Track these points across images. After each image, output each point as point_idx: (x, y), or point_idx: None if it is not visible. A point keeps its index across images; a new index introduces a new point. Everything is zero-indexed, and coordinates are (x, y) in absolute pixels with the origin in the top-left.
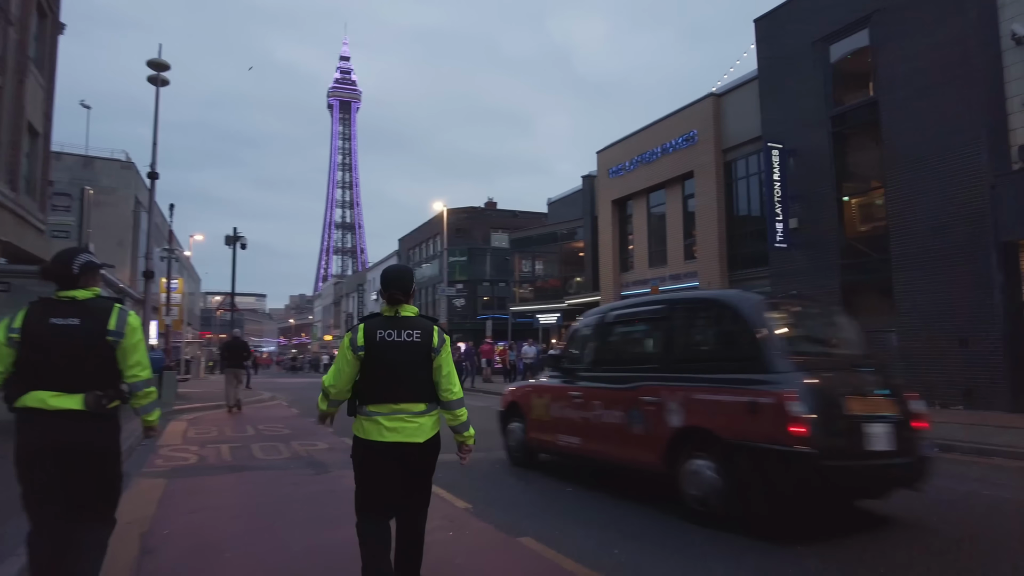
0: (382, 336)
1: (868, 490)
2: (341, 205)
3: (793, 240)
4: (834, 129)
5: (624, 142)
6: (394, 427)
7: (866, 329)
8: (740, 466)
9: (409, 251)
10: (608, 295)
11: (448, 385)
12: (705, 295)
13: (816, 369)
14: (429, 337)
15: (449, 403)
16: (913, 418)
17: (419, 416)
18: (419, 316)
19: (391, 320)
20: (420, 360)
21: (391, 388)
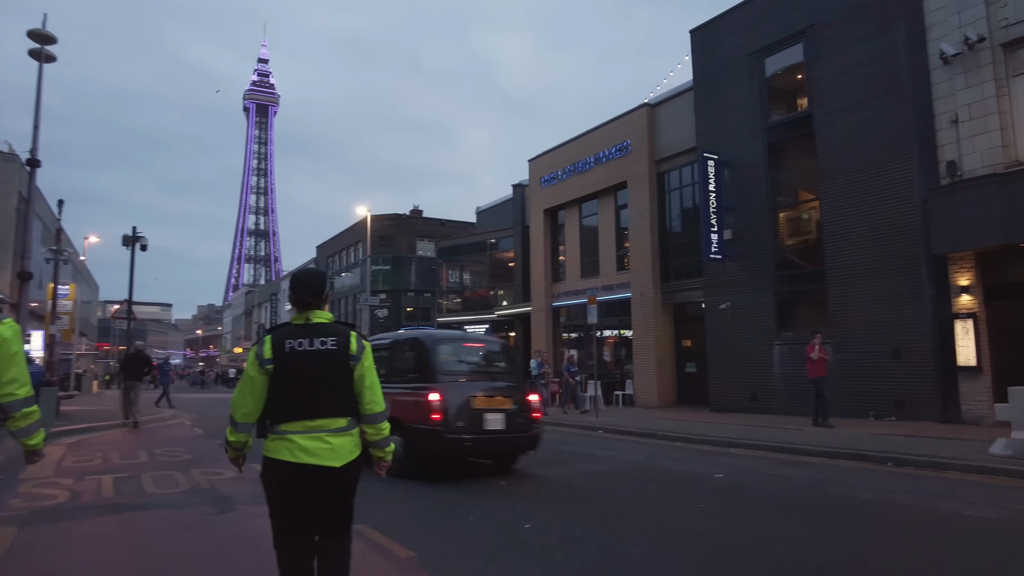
0: (292, 346)
1: (488, 454)
2: (255, 211)
3: (727, 251)
4: (769, 141)
5: (557, 151)
6: (309, 447)
7: (799, 341)
8: (412, 439)
9: (328, 259)
10: (540, 306)
11: (372, 397)
12: (409, 334)
13: (456, 379)
14: (346, 344)
15: (373, 416)
16: (530, 410)
17: (339, 434)
18: (334, 322)
19: (302, 328)
20: (337, 370)
21: (306, 403)
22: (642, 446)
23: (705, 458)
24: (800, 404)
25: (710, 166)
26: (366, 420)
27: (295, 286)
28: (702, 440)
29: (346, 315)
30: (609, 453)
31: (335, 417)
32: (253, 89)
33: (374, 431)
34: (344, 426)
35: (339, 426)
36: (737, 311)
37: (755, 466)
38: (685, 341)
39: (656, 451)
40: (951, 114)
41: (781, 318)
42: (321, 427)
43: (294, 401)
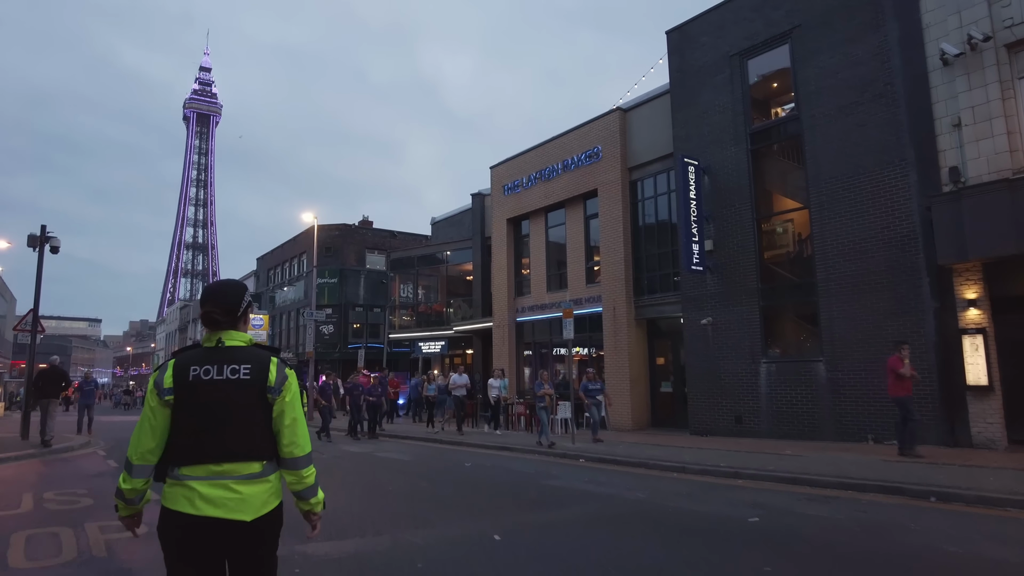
0: (197, 374)
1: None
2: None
3: (708, 263)
4: (752, 146)
5: (521, 157)
6: (211, 496)
7: (787, 359)
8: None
9: (269, 271)
10: (502, 321)
11: (292, 437)
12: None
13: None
14: (263, 374)
15: (294, 460)
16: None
17: (250, 481)
18: (252, 345)
19: (210, 352)
20: (250, 404)
21: (209, 443)
22: (636, 478)
23: (716, 493)
24: (789, 427)
25: (690, 172)
26: (285, 465)
27: (204, 300)
28: (701, 470)
29: (288, 332)
30: (602, 488)
31: (246, 461)
32: (194, 98)
33: (295, 479)
34: (257, 472)
35: (251, 472)
36: (719, 327)
37: (781, 503)
38: (659, 359)
39: (655, 484)
40: (952, 118)
41: (768, 334)
42: (227, 472)
43: (195, 440)
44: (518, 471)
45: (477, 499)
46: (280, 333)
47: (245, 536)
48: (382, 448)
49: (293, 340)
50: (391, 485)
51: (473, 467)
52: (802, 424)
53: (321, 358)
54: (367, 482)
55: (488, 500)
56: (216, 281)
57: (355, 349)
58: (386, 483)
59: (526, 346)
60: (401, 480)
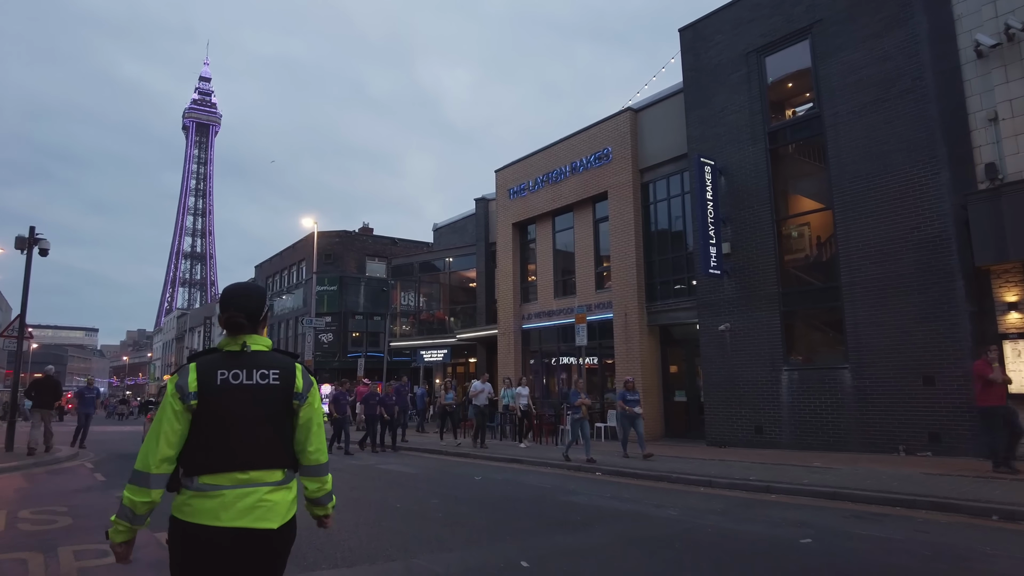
0: (225, 378)
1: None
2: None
3: (726, 267)
4: (771, 146)
5: (527, 160)
6: (241, 506)
7: (810, 366)
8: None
9: (268, 279)
10: (508, 328)
11: (318, 444)
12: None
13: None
14: (291, 379)
15: (319, 467)
16: None
17: (276, 489)
18: (274, 351)
19: (236, 357)
20: (278, 411)
21: (238, 450)
22: (661, 493)
23: (753, 510)
24: (812, 437)
25: (707, 172)
26: (310, 472)
27: (226, 303)
28: (729, 484)
29: (286, 340)
30: (628, 505)
31: (273, 468)
32: (194, 108)
33: (318, 486)
34: (281, 479)
35: (276, 479)
36: (737, 333)
37: (827, 522)
38: (671, 367)
39: (683, 500)
40: (988, 112)
41: (789, 340)
42: (255, 480)
43: (223, 447)
44: (533, 485)
45: (495, 518)
46: (279, 342)
47: (270, 545)
48: (385, 461)
49: (292, 349)
50: (399, 502)
51: (484, 481)
52: (826, 434)
53: (320, 367)
54: (372, 500)
55: (507, 519)
56: (237, 284)
57: (354, 358)
58: (392, 500)
59: (532, 354)
60: (409, 497)
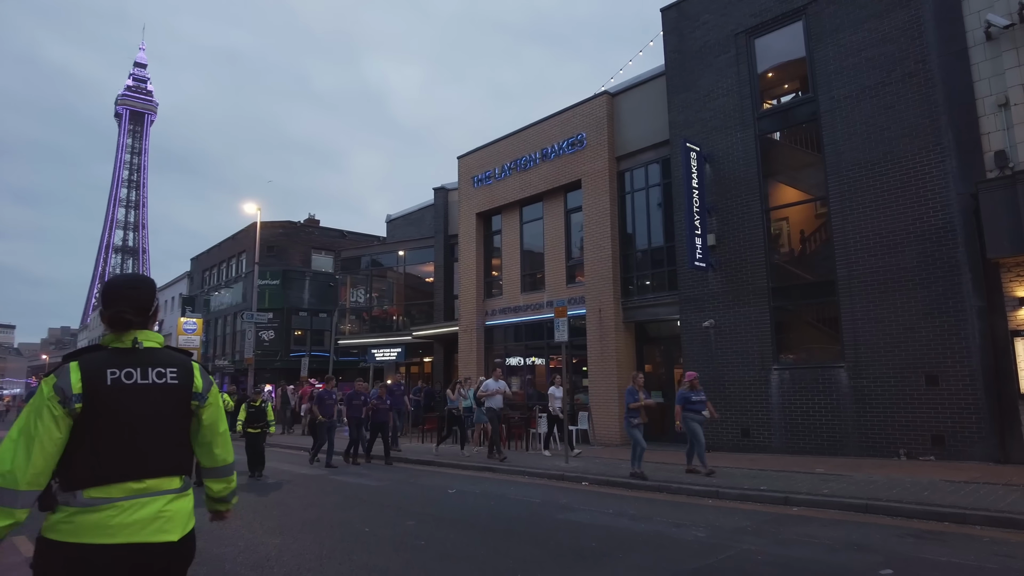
0: (117, 377)
1: None
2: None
3: (711, 260)
4: (761, 132)
5: (494, 145)
6: (136, 519)
7: (803, 365)
8: None
9: (205, 273)
10: (470, 325)
11: (225, 445)
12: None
13: None
14: (189, 378)
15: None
16: None
17: (176, 498)
18: (167, 348)
19: (127, 354)
20: (177, 413)
21: (133, 458)
22: (668, 508)
23: (786, 527)
24: (805, 441)
25: (692, 158)
26: (216, 474)
27: (109, 297)
28: (740, 495)
29: (223, 338)
30: (641, 525)
31: (171, 475)
32: (128, 95)
33: (223, 486)
34: (180, 487)
35: (174, 487)
36: (723, 330)
37: (885, 543)
38: (647, 366)
39: (700, 516)
40: (998, 97)
41: (780, 338)
42: (153, 489)
43: (115, 455)
44: (519, 500)
45: (492, 546)
46: (215, 339)
47: (169, 559)
48: (341, 472)
49: (230, 347)
50: (366, 525)
51: (460, 495)
52: (820, 438)
53: (260, 367)
54: (333, 520)
55: (507, 547)
56: (122, 275)
57: (298, 357)
58: (357, 522)
59: (497, 352)
60: (377, 518)
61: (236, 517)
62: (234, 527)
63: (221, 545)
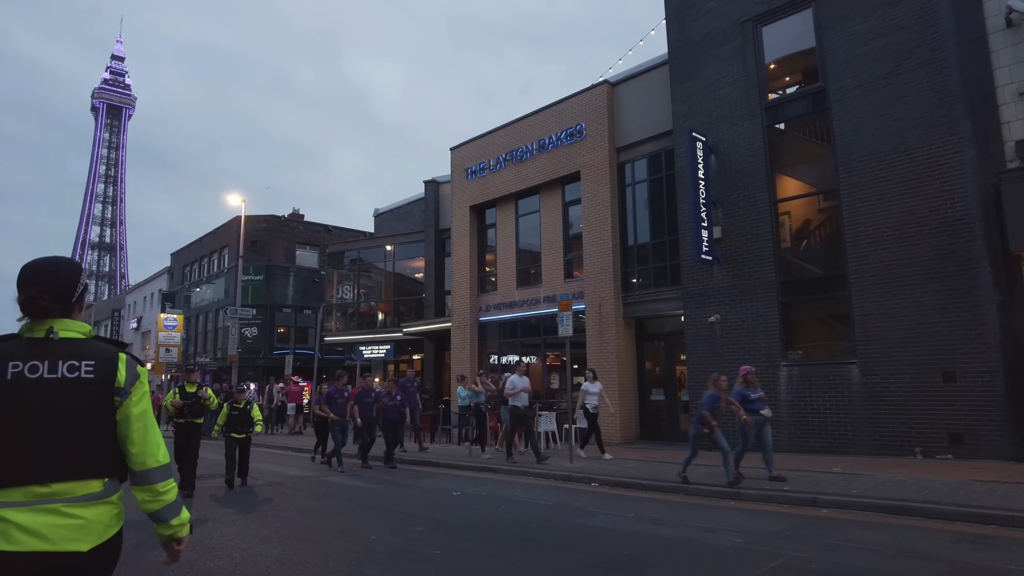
0: (19, 371)
1: None
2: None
3: (717, 253)
4: (768, 122)
5: (489, 137)
6: (37, 526)
7: (813, 362)
8: None
9: (185, 268)
10: (463, 320)
11: (145, 446)
12: None
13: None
14: (111, 371)
15: (146, 473)
16: None
17: (88, 503)
18: (92, 338)
19: (39, 345)
20: (92, 409)
21: (35, 459)
22: (691, 510)
23: (823, 531)
24: (815, 439)
25: (699, 148)
26: (136, 480)
27: (25, 281)
28: (762, 496)
29: (205, 335)
30: (669, 530)
31: (84, 479)
32: (105, 88)
33: (149, 496)
34: (98, 492)
35: (89, 492)
36: (728, 325)
37: (938, 549)
38: (647, 363)
39: (729, 520)
40: (1020, 85)
41: (788, 333)
42: (58, 494)
43: (15, 456)
44: (531, 504)
45: (517, 556)
46: (196, 336)
47: (80, 572)
48: (333, 473)
49: (211, 344)
50: (371, 532)
51: (464, 498)
52: (831, 436)
53: (243, 364)
54: (332, 527)
55: (533, 558)
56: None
57: (282, 355)
58: (360, 529)
59: (491, 349)
60: (380, 523)
61: (228, 523)
62: (227, 535)
63: (214, 557)
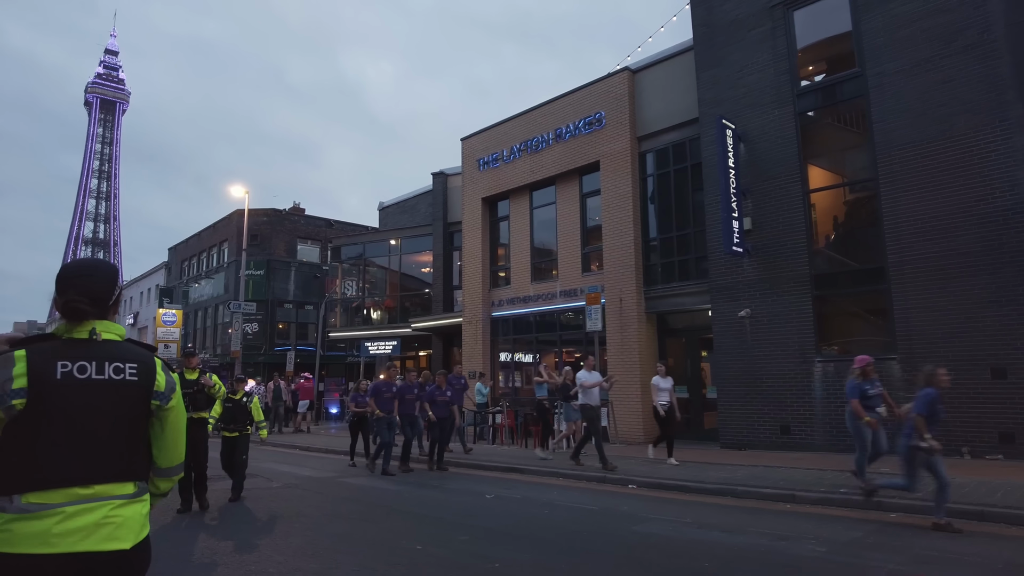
0: (68, 371)
1: None
2: (94, 218)
3: (746, 245)
4: (800, 109)
5: (502, 126)
6: (80, 526)
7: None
8: None
9: (183, 263)
10: (475, 316)
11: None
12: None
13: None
14: (151, 375)
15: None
16: None
17: (127, 503)
18: (128, 341)
19: (83, 346)
20: (134, 413)
21: (80, 461)
22: (748, 515)
23: (908, 540)
24: (848, 438)
25: (728, 136)
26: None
27: (65, 284)
28: (821, 499)
29: (203, 331)
30: (737, 538)
31: (122, 481)
32: (99, 83)
33: (171, 484)
34: (133, 492)
35: (126, 493)
36: (759, 320)
37: None
38: (669, 359)
39: (796, 526)
40: None
41: (822, 328)
42: (101, 495)
43: (59, 457)
44: (574, 508)
45: (580, 571)
46: (195, 332)
47: (122, 570)
48: (350, 474)
49: (210, 340)
50: (414, 540)
51: (499, 501)
52: None
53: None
54: (368, 536)
55: (600, 573)
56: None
57: (283, 351)
58: (398, 536)
59: (503, 345)
60: (417, 529)
61: (257, 534)
62: (259, 546)
63: (251, 573)
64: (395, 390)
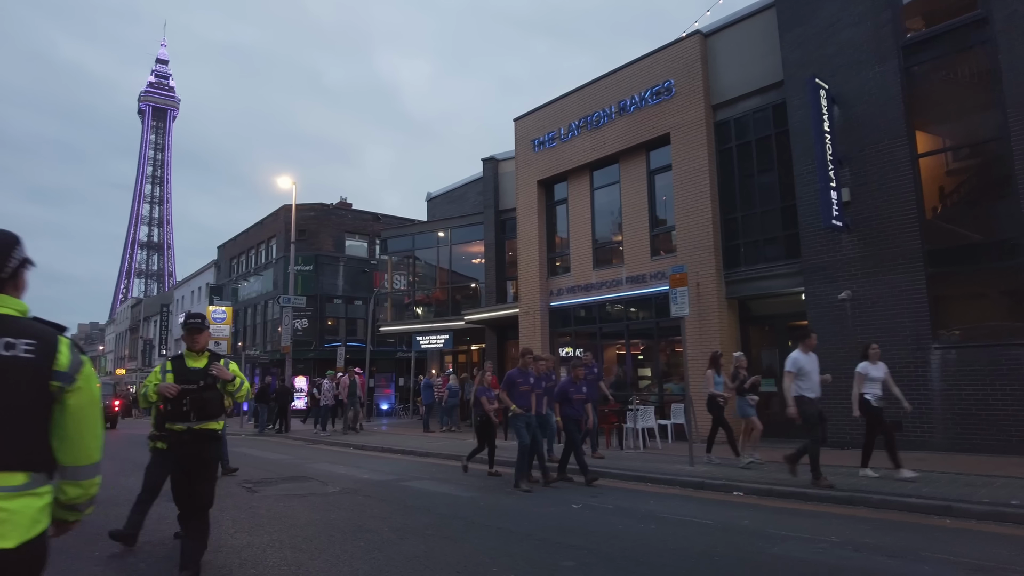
0: None
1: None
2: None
3: (845, 218)
4: (907, 64)
5: (558, 103)
6: None
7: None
8: None
9: (232, 261)
10: (532, 306)
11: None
12: None
13: None
14: (50, 353)
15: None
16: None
17: (14, 495)
18: (28, 317)
19: None
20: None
21: None
22: (906, 532)
23: None
24: (979, 435)
25: (823, 98)
26: (72, 475)
27: None
28: (991, 514)
29: (253, 327)
30: (910, 565)
31: (8, 470)
32: (150, 91)
33: (81, 491)
34: (23, 484)
35: (14, 484)
36: (861, 303)
37: None
38: (753, 349)
39: (982, 550)
40: None
41: (939, 311)
42: None
43: None
44: (685, 522)
45: None
46: (244, 329)
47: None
48: (410, 474)
49: (260, 337)
50: (509, 569)
51: (589, 511)
52: (1001, 432)
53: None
54: (454, 561)
55: None
56: None
57: (333, 347)
58: (490, 562)
59: (562, 337)
60: (516, 554)
61: (314, 553)
62: (317, 567)
63: None
64: (532, 381)
